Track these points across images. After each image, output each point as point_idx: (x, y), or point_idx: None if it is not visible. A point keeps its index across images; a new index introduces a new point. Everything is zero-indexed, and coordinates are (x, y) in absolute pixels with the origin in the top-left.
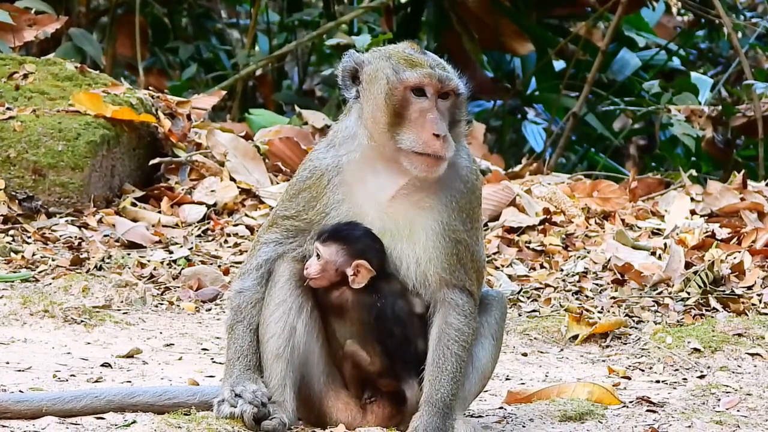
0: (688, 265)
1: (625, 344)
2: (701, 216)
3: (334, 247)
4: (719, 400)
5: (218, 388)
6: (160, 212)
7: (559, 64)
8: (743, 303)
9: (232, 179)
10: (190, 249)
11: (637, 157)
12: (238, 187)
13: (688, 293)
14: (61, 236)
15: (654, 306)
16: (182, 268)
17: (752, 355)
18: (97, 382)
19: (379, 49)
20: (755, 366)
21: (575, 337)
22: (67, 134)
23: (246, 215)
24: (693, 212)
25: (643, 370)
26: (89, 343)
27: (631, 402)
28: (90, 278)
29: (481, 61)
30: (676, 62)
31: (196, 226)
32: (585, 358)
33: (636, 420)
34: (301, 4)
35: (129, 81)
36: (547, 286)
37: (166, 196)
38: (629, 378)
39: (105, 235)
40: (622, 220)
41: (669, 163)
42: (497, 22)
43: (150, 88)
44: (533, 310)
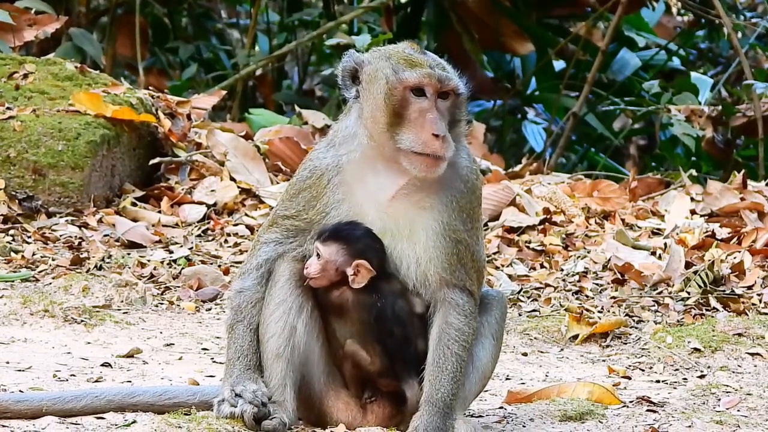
0: (688, 265)
1: (626, 344)
2: (701, 216)
3: (335, 247)
4: (719, 399)
5: (218, 388)
6: (160, 212)
7: (559, 64)
8: (743, 303)
9: (232, 179)
10: (190, 249)
11: (637, 157)
12: (238, 187)
13: (688, 293)
14: (61, 236)
15: (654, 306)
16: (182, 268)
17: (752, 354)
18: (97, 381)
19: (378, 49)
20: (755, 366)
21: (575, 336)
22: (67, 134)
23: (246, 215)
24: (693, 212)
25: (643, 370)
26: (89, 343)
27: (631, 402)
28: (90, 278)
29: (481, 61)
30: (676, 62)
31: (196, 226)
32: (585, 357)
33: (636, 420)
34: (301, 4)
35: (129, 81)
36: (547, 285)
37: (166, 196)
38: (629, 378)
39: (105, 235)
40: (622, 220)
41: (669, 163)
42: (497, 22)
43: (150, 88)
44: (533, 310)
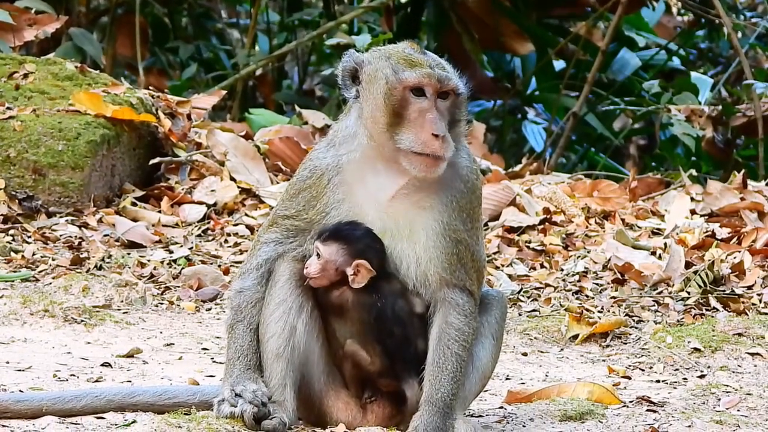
0: (688, 265)
1: (626, 344)
2: (701, 216)
3: (335, 247)
4: (719, 399)
5: (218, 388)
6: (160, 212)
7: (559, 64)
8: (743, 303)
9: (232, 179)
10: (190, 249)
11: (637, 157)
12: (238, 187)
13: (688, 293)
14: (61, 236)
15: (654, 306)
16: (182, 268)
17: (752, 354)
18: (97, 381)
19: (378, 49)
20: (755, 366)
21: (575, 336)
22: (67, 134)
23: (246, 215)
24: (693, 212)
25: (643, 370)
26: (89, 343)
27: (631, 402)
28: (90, 278)
29: (481, 61)
30: (676, 62)
31: (196, 226)
32: (585, 357)
33: (636, 420)
34: (301, 4)
35: (129, 81)
36: (547, 285)
37: (166, 196)
38: (629, 378)
39: (105, 235)
40: (622, 220)
41: (669, 163)
42: (497, 22)
43: (150, 87)
44: (533, 310)
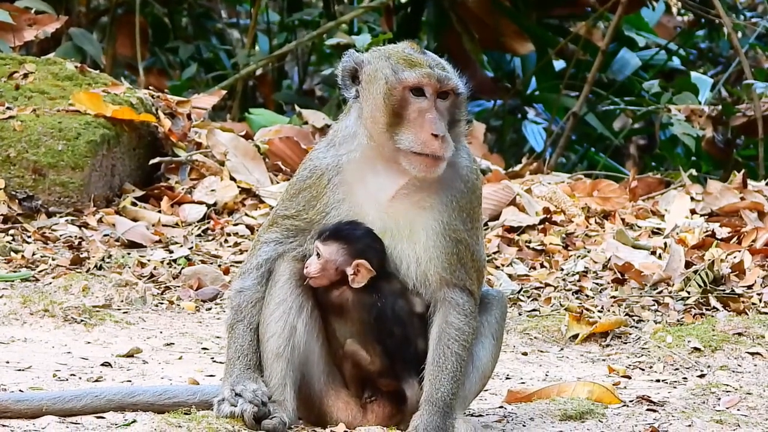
0: (688, 265)
1: (626, 343)
2: (701, 215)
3: (335, 247)
4: (719, 399)
5: (218, 388)
6: (160, 212)
7: (559, 64)
8: (743, 302)
9: (232, 179)
10: (190, 248)
11: (637, 157)
12: (238, 187)
13: (688, 292)
14: (61, 236)
15: (654, 305)
16: (182, 268)
17: (752, 354)
18: (97, 381)
19: (378, 49)
20: (755, 365)
21: (575, 336)
22: (67, 134)
23: (246, 215)
24: (693, 212)
25: (643, 370)
26: (89, 343)
27: (631, 401)
28: (90, 278)
29: (481, 61)
30: (676, 62)
31: (196, 226)
32: (585, 357)
33: (636, 419)
34: (301, 4)
35: (129, 81)
36: (547, 285)
37: (166, 196)
38: (629, 377)
39: (105, 235)
40: (622, 220)
41: (669, 163)
42: (497, 22)
43: (150, 87)
44: (533, 310)
